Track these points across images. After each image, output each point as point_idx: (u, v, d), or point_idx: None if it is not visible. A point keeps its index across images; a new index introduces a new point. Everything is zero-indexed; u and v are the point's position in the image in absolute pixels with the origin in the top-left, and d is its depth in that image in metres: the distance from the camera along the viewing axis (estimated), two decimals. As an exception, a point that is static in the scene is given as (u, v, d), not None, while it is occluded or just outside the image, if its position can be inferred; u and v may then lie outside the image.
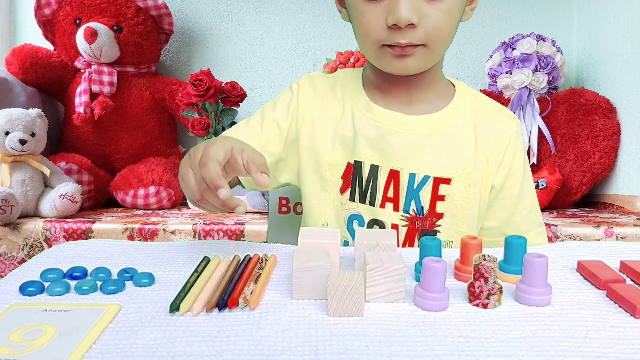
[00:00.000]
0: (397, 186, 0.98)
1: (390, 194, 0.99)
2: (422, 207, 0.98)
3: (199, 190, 0.71)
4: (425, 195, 0.98)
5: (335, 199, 1.01)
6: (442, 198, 0.98)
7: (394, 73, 0.96)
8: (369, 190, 0.99)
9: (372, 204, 0.99)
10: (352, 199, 1.00)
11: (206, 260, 0.72)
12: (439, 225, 0.99)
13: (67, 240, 1.55)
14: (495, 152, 1.00)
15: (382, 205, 0.99)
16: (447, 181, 0.98)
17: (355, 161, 1.00)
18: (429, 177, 0.98)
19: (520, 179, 1.03)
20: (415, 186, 0.98)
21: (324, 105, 1.04)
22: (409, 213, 0.98)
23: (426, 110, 1.00)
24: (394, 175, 0.98)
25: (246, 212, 1.93)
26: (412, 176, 0.98)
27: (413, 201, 0.98)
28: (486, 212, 1.03)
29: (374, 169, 0.99)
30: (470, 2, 0.97)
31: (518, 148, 1.03)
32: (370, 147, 0.99)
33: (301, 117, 1.04)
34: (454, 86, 1.06)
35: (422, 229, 0.99)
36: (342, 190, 1.01)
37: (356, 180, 1.00)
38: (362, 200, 0.99)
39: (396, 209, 0.99)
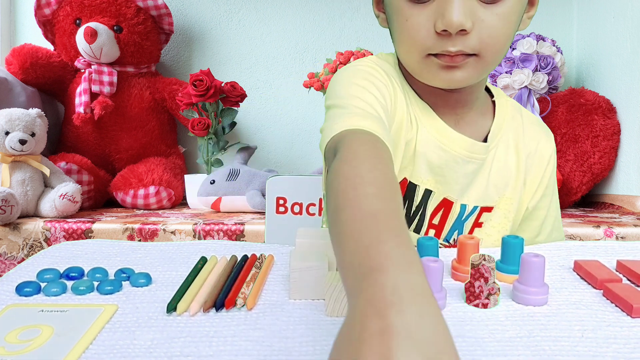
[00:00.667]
0: (446, 215, 0.91)
1: (436, 221, 0.91)
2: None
3: None
4: (468, 225, 0.93)
5: None
6: (480, 225, 0.93)
7: (440, 86, 0.84)
8: (417, 217, 0.91)
9: (417, 231, 0.91)
10: None
11: (203, 261, 0.72)
12: None
13: (68, 240, 1.55)
14: (534, 174, 0.94)
15: (427, 232, 0.92)
16: (490, 209, 0.93)
17: (410, 182, 0.89)
18: (477, 207, 0.92)
19: (550, 199, 0.98)
20: (463, 217, 0.92)
21: (399, 105, 0.88)
22: (448, 242, 0.93)
23: (474, 133, 0.90)
24: (445, 204, 0.90)
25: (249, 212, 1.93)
26: (463, 207, 0.91)
27: (456, 231, 0.92)
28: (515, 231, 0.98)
29: (427, 194, 0.90)
30: (529, 9, 0.85)
31: (554, 168, 0.97)
32: (430, 172, 0.89)
33: (392, 112, 0.86)
34: (491, 96, 0.96)
35: None
36: None
37: (406, 202, 0.90)
38: (408, 224, 0.87)
39: (437, 235, 0.92)
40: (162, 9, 2.25)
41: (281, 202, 1.38)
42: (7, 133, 1.70)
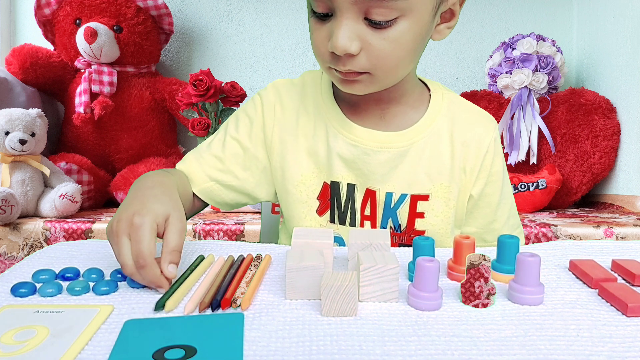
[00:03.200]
0: (374, 205, 0.95)
1: (367, 212, 0.95)
2: (400, 225, 0.95)
3: (132, 267, 0.65)
4: (402, 213, 0.95)
5: (312, 220, 0.97)
6: (421, 215, 0.95)
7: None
8: (348, 211, 0.95)
9: (352, 224, 0.96)
10: (332, 220, 0.97)
11: (200, 259, 0.72)
12: None
13: (67, 241, 1.55)
14: (473, 161, 0.96)
15: (362, 224, 0.96)
16: (426, 198, 0.94)
17: (332, 182, 0.95)
18: (406, 195, 0.94)
19: (500, 185, 0.99)
20: (392, 205, 0.94)
21: (293, 120, 0.98)
22: (385, 229, 0.94)
23: (401, 125, 0.95)
24: (370, 194, 0.94)
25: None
26: (388, 195, 0.94)
27: (390, 219, 0.95)
28: (465, 219, 1.00)
29: (351, 187, 0.95)
30: (449, 19, 0.88)
31: (497, 154, 0.98)
32: (347, 167, 0.94)
33: (270, 135, 0.98)
34: (429, 90, 1.00)
35: (399, 243, 0.96)
36: (321, 212, 0.97)
37: (334, 202, 0.96)
38: (342, 222, 0.96)
39: (373, 226, 0.95)
40: (162, 9, 2.25)
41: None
42: (7, 133, 1.70)
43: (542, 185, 1.99)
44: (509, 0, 2.49)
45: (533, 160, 2.10)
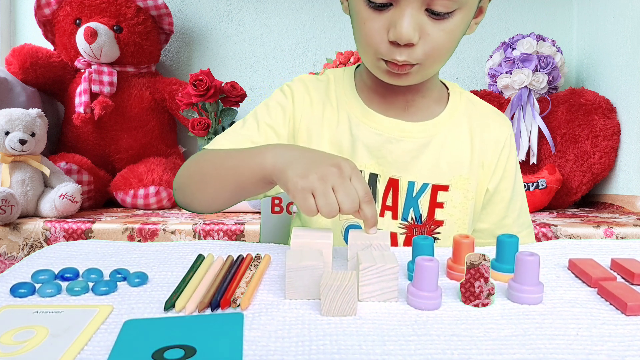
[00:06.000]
0: (396, 194, 0.97)
1: (389, 202, 0.97)
2: (421, 215, 0.97)
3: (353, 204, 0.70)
4: (424, 203, 0.97)
5: None
6: (440, 205, 0.97)
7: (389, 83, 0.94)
8: None
9: None
10: None
11: (201, 259, 0.72)
12: (439, 233, 0.98)
13: (67, 241, 1.55)
14: (490, 157, 1.00)
15: (382, 214, 0.97)
16: (445, 188, 0.97)
17: None
18: (428, 184, 0.96)
19: (513, 182, 1.02)
20: (414, 194, 0.97)
21: (319, 113, 1.00)
22: (407, 221, 0.97)
23: (423, 117, 0.99)
24: (392, 183, 0.97)
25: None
26: (411, 184, 0.96)
27: (412, 209, 0.97)
28: (479, 215, 1.02)
29: (373, 177, 0.97)
30: (477, 15, 0.92)
31: (512, 151, 1.02)
32: (370, 155, 0.97)
33: (298, 124, 1.00)
34: (447, 88, 1.05)
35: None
36: None
37: None
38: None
39: (394, 217, 0.97)
40: (162, 9, 2.24)
41: (276, 202, 1.38)
42: (7, 133, 1.70)
43: (542, 185, 1.98)
44: (509, 0, 2.49)
45: (533, 160, 2.10)
